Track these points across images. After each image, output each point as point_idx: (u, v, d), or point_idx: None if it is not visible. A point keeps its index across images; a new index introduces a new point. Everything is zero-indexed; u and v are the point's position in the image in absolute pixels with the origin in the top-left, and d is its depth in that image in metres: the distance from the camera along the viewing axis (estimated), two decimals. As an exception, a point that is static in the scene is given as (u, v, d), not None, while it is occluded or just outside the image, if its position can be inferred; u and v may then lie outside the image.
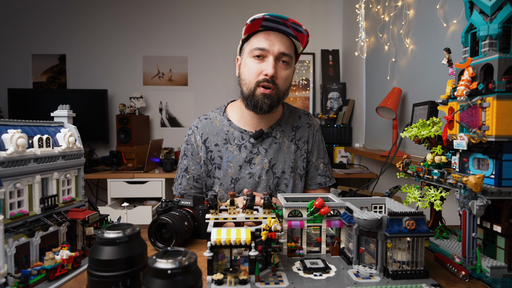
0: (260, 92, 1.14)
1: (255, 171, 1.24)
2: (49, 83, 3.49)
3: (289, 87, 1.22)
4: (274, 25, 1.12)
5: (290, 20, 1.08)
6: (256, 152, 1.25)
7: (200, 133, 1.29)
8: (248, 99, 1.18)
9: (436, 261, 0.76)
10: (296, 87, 3.62)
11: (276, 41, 1.13)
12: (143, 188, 2.74)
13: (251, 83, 1.16)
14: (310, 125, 1.36)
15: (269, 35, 1.13)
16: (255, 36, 1.16)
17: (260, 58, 1.14)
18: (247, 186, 1.23)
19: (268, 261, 0.68)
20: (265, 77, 1.13)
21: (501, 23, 0.67)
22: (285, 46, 1.14)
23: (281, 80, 1.15)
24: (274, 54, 1.12)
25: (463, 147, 0.69)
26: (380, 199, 0.90)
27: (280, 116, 1.32)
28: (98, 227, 0.81)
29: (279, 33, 1.14)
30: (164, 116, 3.59)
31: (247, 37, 1.18)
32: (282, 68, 1.15)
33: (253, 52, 1.14)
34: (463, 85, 0.69)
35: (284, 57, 1.14)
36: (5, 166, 0.60)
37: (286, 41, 1.15)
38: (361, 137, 2.99)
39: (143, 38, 3.52)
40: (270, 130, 1.28)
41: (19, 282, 0.58)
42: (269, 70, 1.11)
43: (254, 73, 1.15)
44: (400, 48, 2.21)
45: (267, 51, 1.12)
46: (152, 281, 0.44)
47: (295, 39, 1.17)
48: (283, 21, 1.09)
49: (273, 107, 1.18)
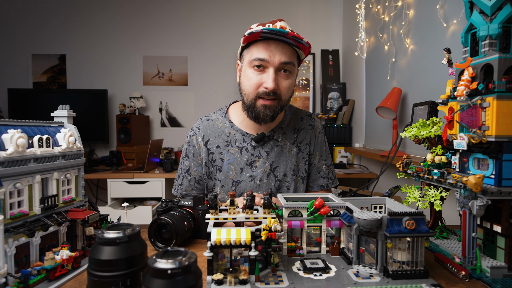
0: (261, 104, 1.11)
1: (257, 174, 1.23)
2: (49, 83, 3.49)
3: (292, 93, 1.18)
4: (274, 36, 1.06)
5: (290, 34, 1.03)
6: (257, 155, 1.24)
7: (201, 134, 1.27)
8: (249, 110, 1.15)
9: (436, 261, 0.76)
10: (296, 87, 3.62)
11: (277, 52, 1.07)
12: (143, 188, 2.74)
13: (251, 94, 1.12)
14: (313, 127, 1.33)
15: (269, 45, 1.07)
16: (255, 44, 1.10)
17: (260, 69, 1.09)
18: (248, 189, 1.22)
19: (268, 261, 0.68)
20: (265, 90, 1.09)
21: (501, 23, 0.67)
22: (287, 56, 1.09)
23: (283, 91, 1.12)
24: (275, 65, 1.08)
25: (463, 147, 0.69)
26: (380, 199, 0.90)
27: (282, 119, 1.29)
28: (98, 227, 0.81)
29: (279, 42, 1.08)
30: (164, 116, 3.59)
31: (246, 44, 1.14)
32: (284, 78, 1.11)
33: (253, 63, 1.09)
34: (463, 85, 0.69)
35: (285, 66, 1.09)
36: (5, 166, 0.60)
37: (287, 50, 1.09)
38: (361, 137, 2.99)
39: (143, 38, 3.52)
40: (271, 133, 1.26)
41: (19, 282, 0.58)
42: (269, 84, 1.07)
43: (254, 84, 1.11)
44: (400, 48, 2.21)
45: (267, 62, 1.07)
46: (152, 281, 0.44)
47: (297, 48, 1.12)
48: (283, 34, 1.04)
49: (275, 117, 1.16)
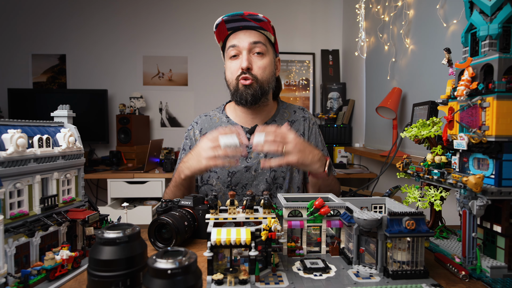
0: (242, 85, 1.20)
1: (251, 165, 1.27)
2: (49, 83, 3.49)
3: (271, 76, 1.25)
4: (238, 23, 1.21)
5: (246, 13, 1.16)
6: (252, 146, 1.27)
7: (199, 128, 1.35)
8: (234, 95, 1.24)
9: (436, 261, 0.76)
10: (296, 87, 3.62)
11: (244, 36, 1.21)
12: (143, 188, 2.74)
13: (233, 80, 1.23)
14: (306, 119, 1.39)
15: (237, 34, 1.22)
16: (228, 39, 1.25)
17: (236, 57, 1.22)
18: (244, 180, 1.26)
19: (268, 261, 0.68)
20: (241, 70, 1.19)
21: (501, 23, 0.67)
22: (254, 36, 1.21)
23: (258, 70, 1.20)
24: (245, 47, 1.19)
25: (463, 147, 0.69)
26: (380, 199, 0.90)
27: (274, 112, 1.36)
28: (98, 227, 0.81)
29: (246, 30, 1.22)
30: (164, 116, 3.59)
31: (223, 44, 1.28)
32: (258, 58, 1.21)
33: (229, 53, 1.22)
34: (463, 85, 0.69)
35: (256, 47, 1.20)
36: (5, 166, 0.60)
37: (253, 33, 1.22)
38: (361, 137, 2.99)
39: (143, 38, 3.52)
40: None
41: (19, 282, 0.58)
42: (243, 63, 1.18)
43: (233, 71, 1.22)
44: (400, 48, 2.21)
45: (238, 47, 1.20)
46: (152, 281, 0.44)
47: (262, 30, 1.24)
48: (241, 16, 1.17)
49: (257, 97, 1.22)
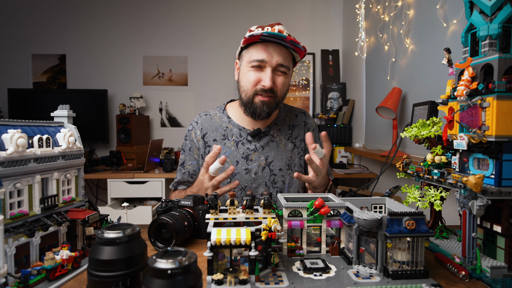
0: (259, 100, 1.19)
1: (252, 168, 1.27)
2: (49, 83, 3.49)
3: (287, 91, 1.26)
4: (273, 39, 1.15)
5: (288, 38, 1.11)
6: (253, 149, 1.29)
7: (199, 128, 1.33)
8: (247, 106, 1.22)
9: (436, 261, 0.76)
10: (296, 87, 3.62)
11: (275, 53, 1.15)
12: (143, 188, 2.74)
13: (249, 91, 1.20)
14: (306, 124, 1.40)
15: (268, 47, 1.16)
16: (254, 46, 1.18)
17: (258, 69, 1.18)
18: (244, 182, 1.26)
19: (268, 261, 0.68)
20: (263, 87, 1.17)
21: (501, 23, 0.67)
22: (283, 58, 1.17)
23: (279, 88, 1.19)
24: (272, 65, 1.16)
25: (463, 147, 0.69)
26: (380, 199, 0.90)
27: (276, 116, 1.36)
28: (98, 227, 0.81)
29: (277, 45, 1.17)
30: (164, 116, 3.59)
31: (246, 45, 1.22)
32: (281, 76, 1.19)
33: (252, 63, 1.17)
34: (463, 85, 0.69)
35: (282, 68, 1.18)
36: (5, 166, 0.60)
37: (284, 52, 1.18)
38: (361, 137, 2.99)
39: (143, 38, 3.52)
40: (267, 129, 1.31)
41: (19, 282, 0.58)
42: (267, 82, 1.15)
43: (252, 82, 1.18)
44: (400, 48, 2.21)
45: (265, 62, 1.16)
46: (152, 281, 0.44)
47: (293, 51, 1.21)
48: (281, 38, 1.12)
49: (271, 113, 1.23)
